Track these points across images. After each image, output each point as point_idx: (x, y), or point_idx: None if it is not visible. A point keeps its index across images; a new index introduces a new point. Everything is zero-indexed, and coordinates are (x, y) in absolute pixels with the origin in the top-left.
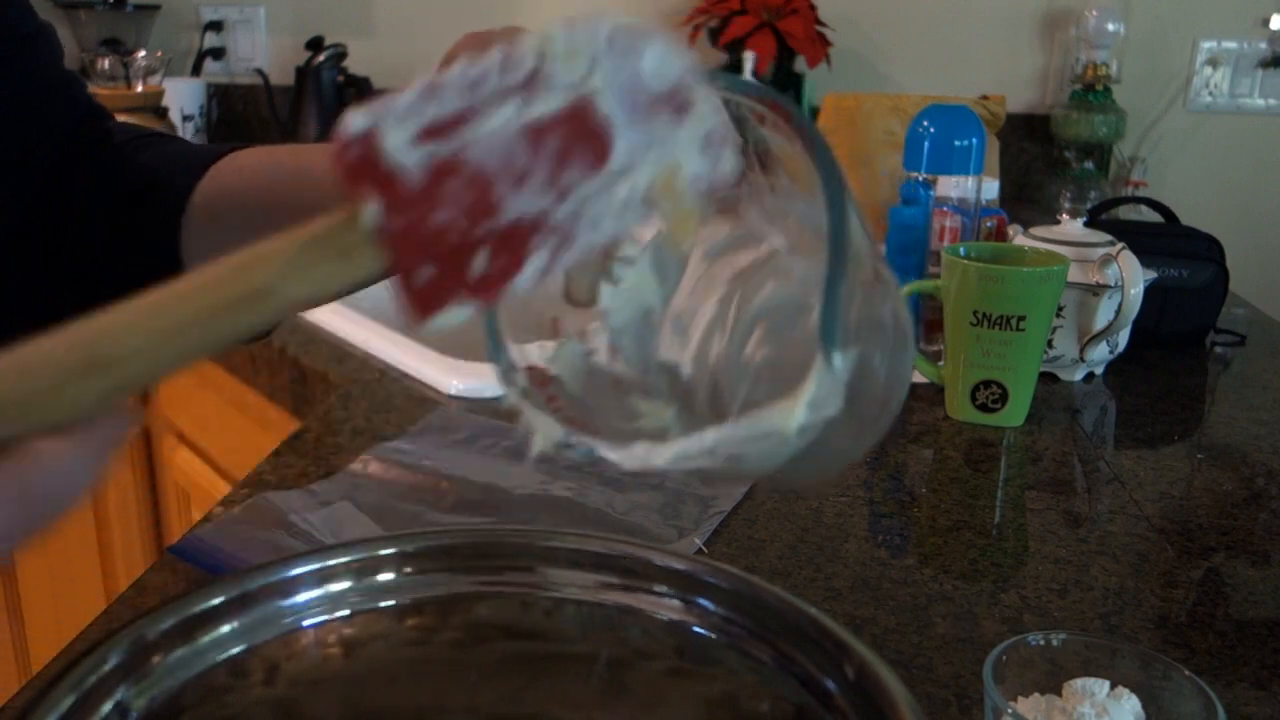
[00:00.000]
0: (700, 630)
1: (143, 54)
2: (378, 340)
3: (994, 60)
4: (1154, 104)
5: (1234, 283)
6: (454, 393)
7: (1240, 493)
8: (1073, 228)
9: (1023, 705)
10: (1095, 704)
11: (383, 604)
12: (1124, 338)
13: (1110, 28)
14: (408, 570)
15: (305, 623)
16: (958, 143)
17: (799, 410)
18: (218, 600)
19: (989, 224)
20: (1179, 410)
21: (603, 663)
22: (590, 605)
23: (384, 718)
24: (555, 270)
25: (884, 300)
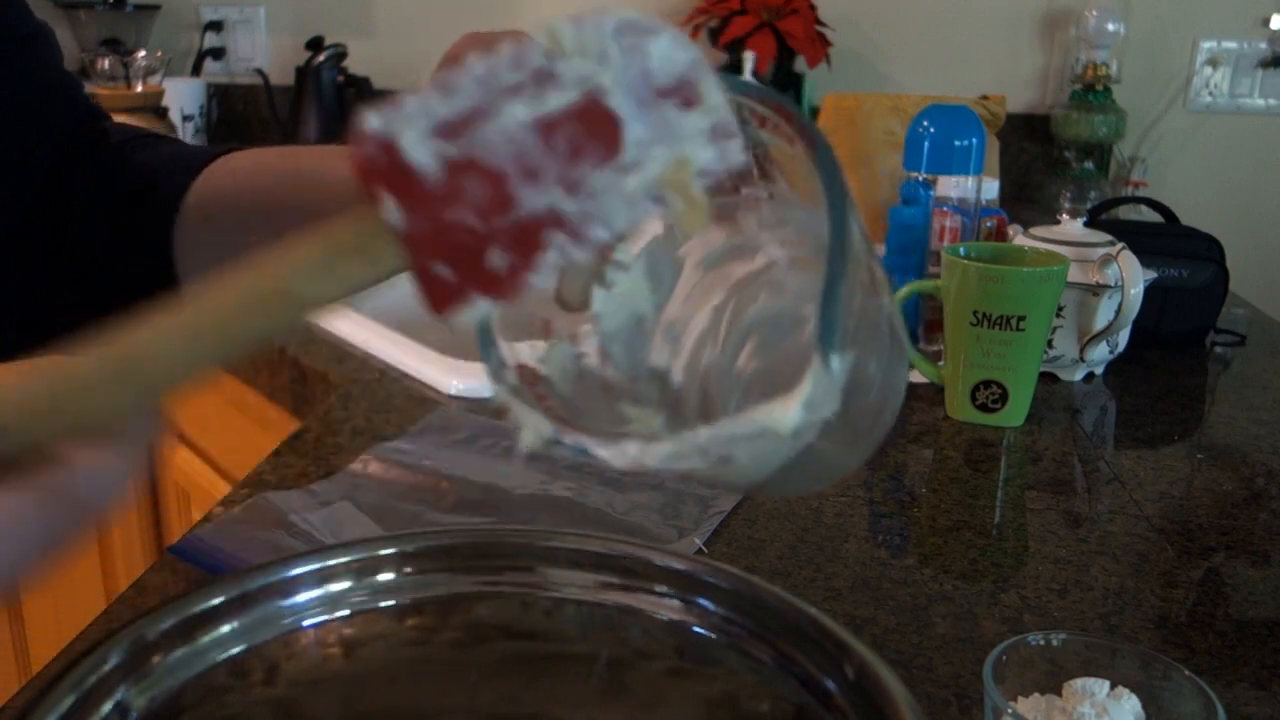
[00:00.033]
0: (700, 630)
1: (143, 54)
2: (378, 340)
3: (994, 60)
4: (1154, 104)
5: (1234, 283)
6: (454, 393)
7: (1240, 493)
8: (1073, 228)
9: (1023, 705)
10: (1095, 704)
11: (383, 604)
12: (1124, 338)
13: (1110, 28)
14: (408, 570)
15: (305, 623)
16: (958, 143)
17: (794, 410)
18: (218, 600)
19: (989, 224)
20: (1179, 410)
21: (603, 663)
22: (590, 605)
23: (384, 718)
24: (569, 265)
25: (881, 308)
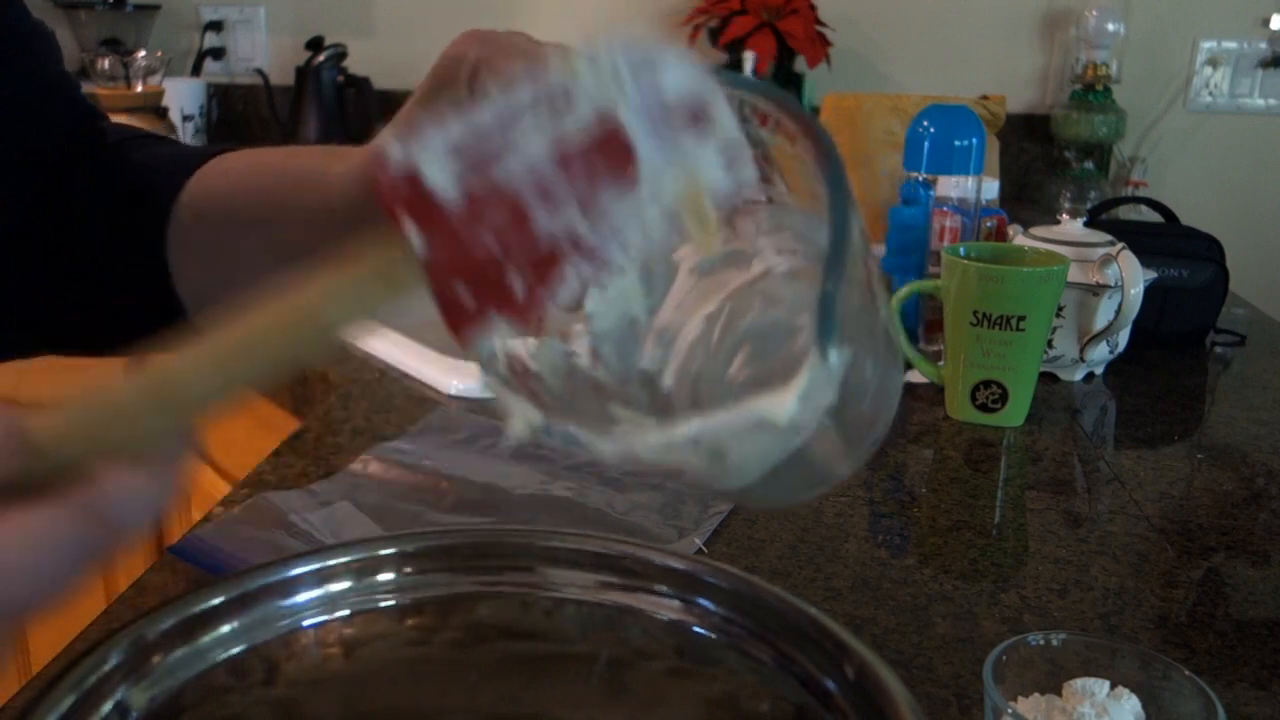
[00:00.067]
0: (700, 630)
1: (143, 54)
2: (378, 340)
3: (994, 60)
4: (1154, 104)
5: (1234, 283)
6: (454, 393)
7: (1240, 493)
8: (1073, 228)
9: (1023, 705)
10: (1095, 704)
11: (383, 604)
12: (1124, 338)
13: (1110, 28)
14: (408, 570)
15: (305, 623)
16: (958, 143)
17: (790, 401)
18: (218, 600)
19: (989, 224)
20: (1179, 410)
21: (603, 663)
22: (590, 605)
23: (384, 718)
24: (588, 289)
25: (878, 313)
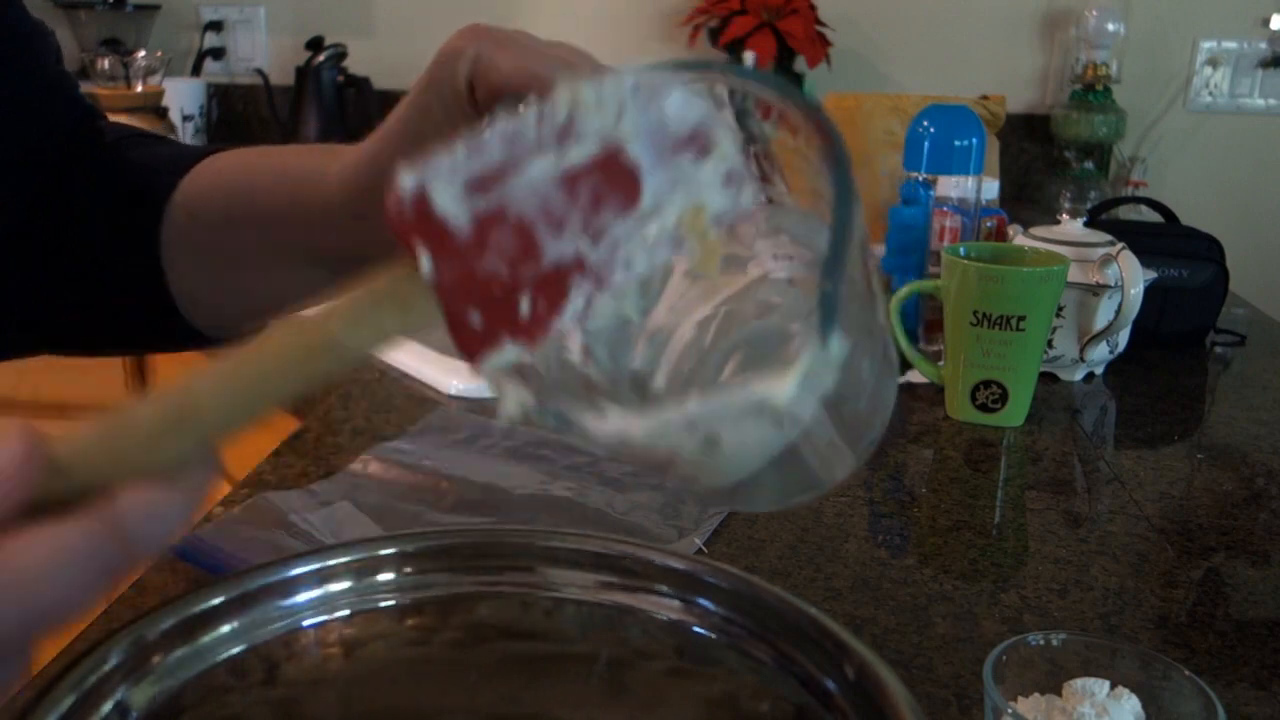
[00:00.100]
0: (700, 630)
1: (143, 54)
2: None
3: (994, 60)
4: (1154, 104)
5: (1234, 283)
6: (454, 393)
7: (1240, 493)
8: (1073, 228)
9: (1023, 705)
10: (1095, 704)
11: (383, 604)
12: (1124, 338)
13: (1110, 28)
14: (408, 570)
15: (305, 623)
16: (958, 143)
17: (790, 383)
18: (218, 600)
19: (989, 224)
20: (1179, 410)
21: (603, 663)
22: (590, 605)
23: (384, 718)
24: (593, 309)
25: (876, 313)
